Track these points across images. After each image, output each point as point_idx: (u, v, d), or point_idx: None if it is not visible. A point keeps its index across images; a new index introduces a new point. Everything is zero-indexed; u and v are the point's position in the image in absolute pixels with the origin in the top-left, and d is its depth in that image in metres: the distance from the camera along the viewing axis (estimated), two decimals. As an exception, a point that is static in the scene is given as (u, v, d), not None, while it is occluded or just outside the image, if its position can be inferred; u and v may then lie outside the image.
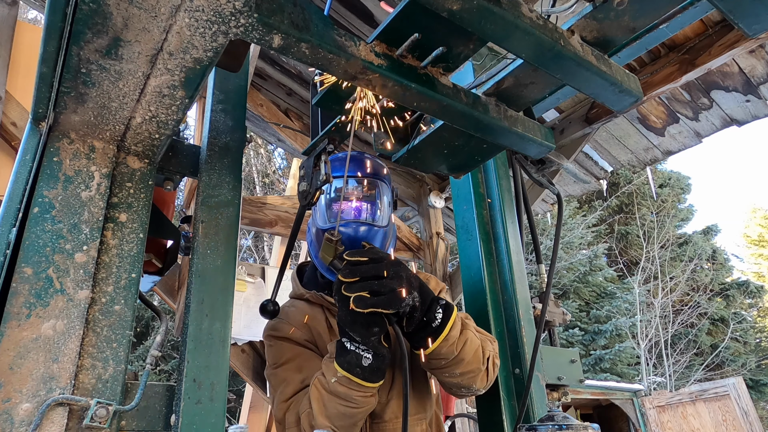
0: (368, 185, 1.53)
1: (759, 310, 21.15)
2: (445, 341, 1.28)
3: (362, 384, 1.25)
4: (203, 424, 1.00)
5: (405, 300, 1.20)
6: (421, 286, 1.28)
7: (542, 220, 13.34)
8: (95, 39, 0.82)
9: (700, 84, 2.82)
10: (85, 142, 1.05)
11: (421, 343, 1.29)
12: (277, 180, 15.80)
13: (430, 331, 1.28)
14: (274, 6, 0.80)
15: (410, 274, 1.25)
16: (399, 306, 1.19)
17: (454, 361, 1.33)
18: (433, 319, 1.27)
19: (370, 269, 1.21)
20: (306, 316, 1.60)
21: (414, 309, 1.23)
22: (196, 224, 1.16)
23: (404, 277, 1.22)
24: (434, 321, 1.27)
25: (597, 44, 1.06)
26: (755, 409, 8.08)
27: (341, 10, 2.70)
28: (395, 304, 1.18)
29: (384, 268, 1.21)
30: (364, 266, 1.22)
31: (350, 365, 1.25)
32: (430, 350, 1.28)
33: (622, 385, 9.36)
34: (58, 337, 0.90)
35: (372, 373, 1.26)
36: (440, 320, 1.28)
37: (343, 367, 1.25)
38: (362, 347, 1.25)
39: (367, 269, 1.21)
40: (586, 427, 1.23)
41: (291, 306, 1.67)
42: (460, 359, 1.33)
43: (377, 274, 1.20)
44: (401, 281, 1.20)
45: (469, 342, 1.34)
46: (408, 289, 1.21)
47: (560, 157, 1.82)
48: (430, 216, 3.90)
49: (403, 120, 1.40)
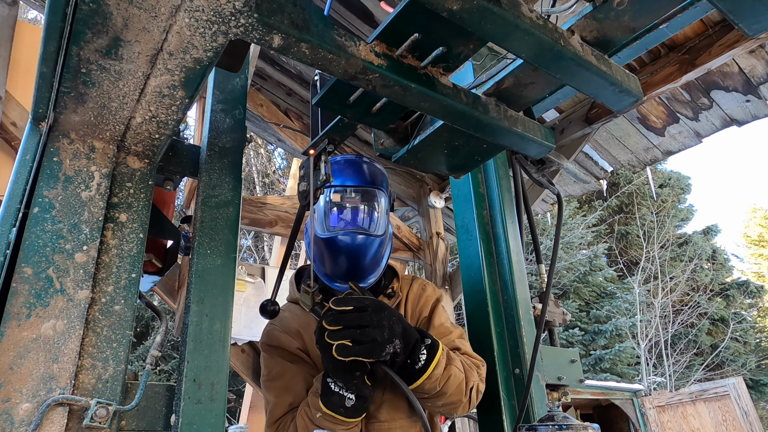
0: (364, 195, 1.57)
1: (759, 310, 21.15)
2: (428, 379, 1.35)
3: (345, 420, 1.34)
4: (203, 424, 1.00)
5: (386, 349, 1.25)
6: (405, 331, 1.33)
7: (542, 220, 13.34)
8: (95, 39, 0.82)
9: (700, 84, 2.82)
10: (85, 142, 1.05)
11: (407, 381, 1.36)
12: (277, 180, 15.80)
13: (413, 372, 1.35)
14: (274, 6, 0.80)
15: (393, 321, 1.30)
16: (379, 355, 1.24)
17: (436, 394, 1.40)
18: (417, 361, 1.35)
19: (354, 318, 1.25)
20: (299, 322, 1.63)
21: (396, 355, 1.29)
22: (196, 224, 1.16)
23: (386, 326, 1.27)
24: (417, 363, 1.35)
25: (597, 44, 1.06)
26: (755, 409, 8.08)
27: (341, 10, 2.70)
28: (376, 353, 1.24)
29: (367, 318, 1.25)
30: (348, 315, 1.26)
31: (334, 405, 1.32)
32: (413, 387, 1.35)
33: (622, 385, 9.36)
34: (58, 337, 0.90)
35: (355, 411, 1.33)
36: (423, 361, 1.35)
37: (327, 406, 1.32)
38: (345, 389, 1.32)
39: (351, 318, 1.25)
40: (586, 427, 1.23)
41: (286, 311, 1.70)
42: (442, 393, 1.40)
43: (360, 323, 1.25)
44: (383, 330, 1.25)
45: (452, 378, 1.41)
46: (390, 337, 1.26)
47: (560, 157, 1.82)
48: (430, 216, 3.90)
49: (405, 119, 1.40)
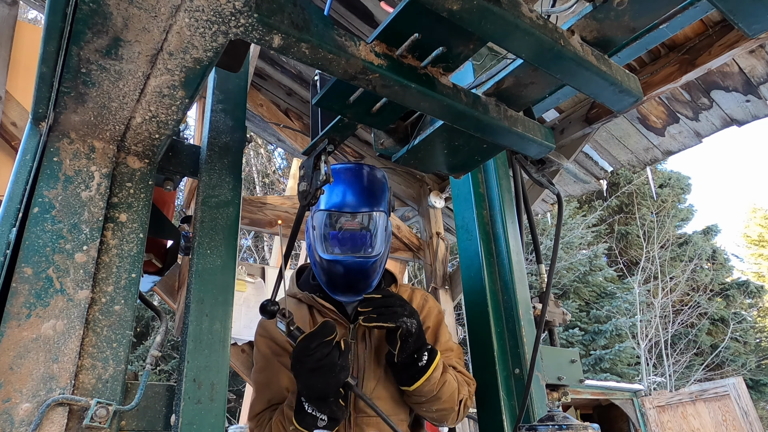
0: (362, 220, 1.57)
1: (759, 310, 21.15)
2: (427, 381, 1.44)
3: None
4: (203, 424, 1.00)
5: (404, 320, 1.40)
6: (419, 324, 1.47)
7: (542, 220, 13.34)
8: (95, 39, 0.82)
9: (700, 84, 2.82)
10: (85, 142, 1.05)
11: (407, 381, 1.47)
12: (277, 180, 15.80)
13: (416, 371, 1.44)
14: (274, 6, 0.80)
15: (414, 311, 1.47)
16: (397, 321, 1.40)
17: (432, 398, 1.48)
18: (420, 359, 1.45)
19: (382, 302, 1.45)
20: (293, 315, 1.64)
21: (409, 334, 1.41)
22: (196, 224, 1.16)
23: (408, 309, 1.45)
24: (421, 361, 1.45)
25: (597, 44, 1.06)
26: (755, 409, 8.08)
27: (341, 10, 2.70)
28: (394, 319, 1.40)
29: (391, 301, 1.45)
30: (378, 299, 1.45)
31: (307, 424, 1.35)
32: (414, 387, 1.45)
33: (622, 385, 9.36)
34: (58, 337, 0.90)
35: (327, 429, 1.37)
36: (425, 361, 1.45)
37: (300, 424, 1.36)
38: (318, 412, 1.35)
39: (380, 301, 1.45)
40: (586, 427, 1.23)
41: None
42: (437, 398, 1.48)
43: (385, 304, 1.44)
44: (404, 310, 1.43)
45: (447, 384, 1.49)
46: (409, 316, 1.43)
47: (560, 157, 1.82)
48: (430, 216, 3.90)
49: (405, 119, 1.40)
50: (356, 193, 1.58)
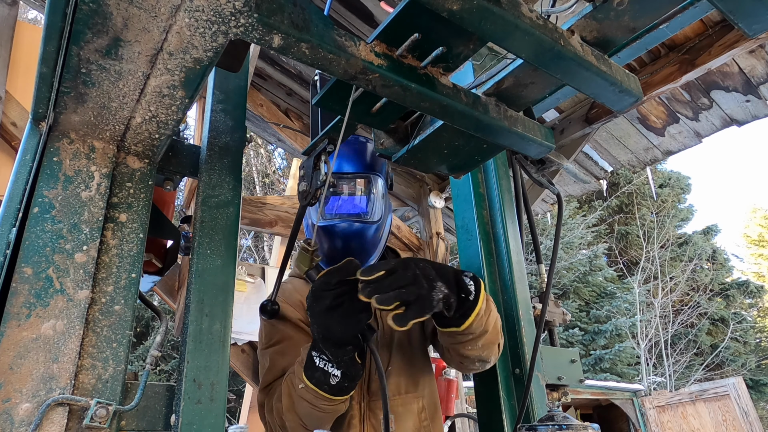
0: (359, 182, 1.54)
1: (759, 310, 21.15)
2: (477, 315, 1.18)
3: (329, 397, 1.23)
4: (203, 424, 1.00)
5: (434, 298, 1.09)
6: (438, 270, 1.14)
7: (542, 220, 13.34)
8: (95, 39, 0.82)
9: (700, 84, 2.82)
10: (85, 142, 1.05)
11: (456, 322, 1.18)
12: (277, 180, 15.80)
13: (468, 306, 1.17)
14: (274, 6, 0.80)
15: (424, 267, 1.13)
16: (431, 307, 1.09)
17: (480, 333, 1.23)
18: (469, 292, 1.17)
19: (392, 283, 1.07)
20: (302, 295, 1.62)
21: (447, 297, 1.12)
22: (196, 224, 1.16)
23: (421, 275, 1.10)
24: (470, 294, 1.17)
25: (597, 44, 1.06)
26: (755, 409, 8.09)
27: (341, 10, 2.70)
28: (427, 307, 1.08)
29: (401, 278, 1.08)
30: (384, 282, 1.08)
31: (318, 381, 1.21)
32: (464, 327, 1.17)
33: (622, 385, 9.37)
34: (58, 337, 0.90)
35: (340, 390, 1.21)
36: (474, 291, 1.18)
37: (310, 381, 1.22)
38: (331, 365, 1.20)
39: (389, 283, 1.07)
40: (586, 427, 1.23)
41: (289, 283, 1.70)
42: (485, 331, 1.24)
43: (399, 285, 1.08)
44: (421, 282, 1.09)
45: (492, 312, 1.26)
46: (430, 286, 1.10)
47: (560, 157, 1.82)
48: (430, 216, 3.90)
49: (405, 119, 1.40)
50: (352, 158, 1.56)
